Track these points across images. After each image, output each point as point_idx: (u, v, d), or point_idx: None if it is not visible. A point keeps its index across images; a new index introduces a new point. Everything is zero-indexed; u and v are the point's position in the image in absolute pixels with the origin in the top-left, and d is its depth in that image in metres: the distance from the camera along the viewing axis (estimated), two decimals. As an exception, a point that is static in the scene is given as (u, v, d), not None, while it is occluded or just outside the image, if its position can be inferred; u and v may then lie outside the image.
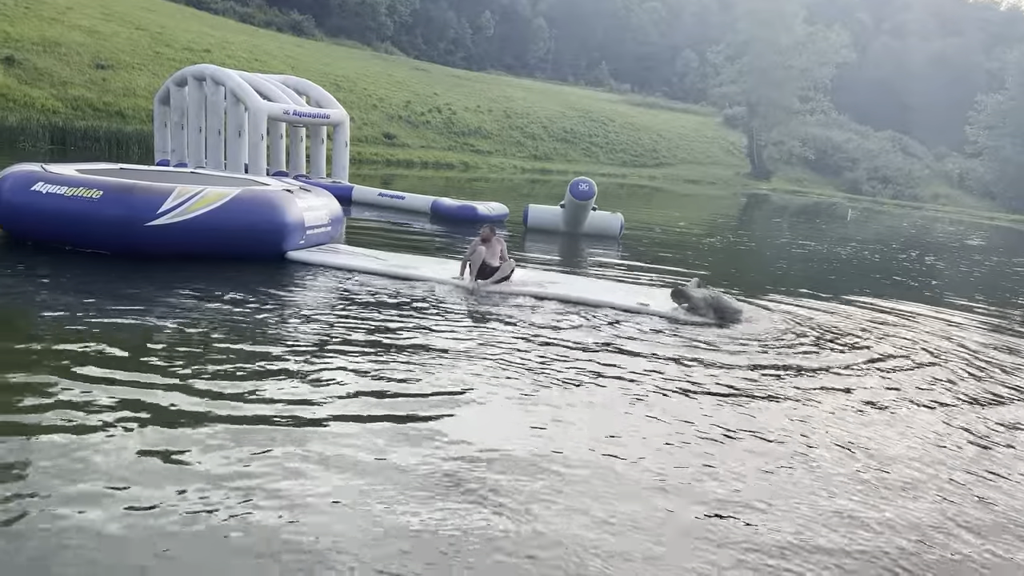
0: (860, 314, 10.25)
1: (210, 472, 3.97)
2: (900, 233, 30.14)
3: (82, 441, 4.16)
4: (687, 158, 59.56)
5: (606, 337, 7.46)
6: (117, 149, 25.21)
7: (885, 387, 6.80)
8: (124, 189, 8.57)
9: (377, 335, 6.71)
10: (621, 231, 16.30)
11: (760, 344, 7.81)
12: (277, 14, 56.05)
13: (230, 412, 4.74)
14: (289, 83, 19.04)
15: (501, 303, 8.49)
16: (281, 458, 4.21)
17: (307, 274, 8.99)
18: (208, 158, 17.68)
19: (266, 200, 9.37)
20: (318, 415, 4.86)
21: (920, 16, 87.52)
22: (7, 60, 27.24)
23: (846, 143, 67.78)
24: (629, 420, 5.35)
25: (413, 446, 4.54)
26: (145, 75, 31.26)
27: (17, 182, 8.71)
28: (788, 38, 57.25)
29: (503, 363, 6.22)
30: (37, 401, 4.64)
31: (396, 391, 5.43)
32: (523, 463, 4.46)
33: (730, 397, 6.04)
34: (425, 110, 45.32)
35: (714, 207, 35.23)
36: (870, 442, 5.39)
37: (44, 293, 7.11)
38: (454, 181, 31.01)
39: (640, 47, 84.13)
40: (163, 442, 4.26)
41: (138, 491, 3.71)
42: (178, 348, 5.85)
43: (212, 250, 8.79)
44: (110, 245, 8.55)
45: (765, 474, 4.68)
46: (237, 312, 7.03)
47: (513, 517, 3.82)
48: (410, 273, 9.29)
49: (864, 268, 16.63)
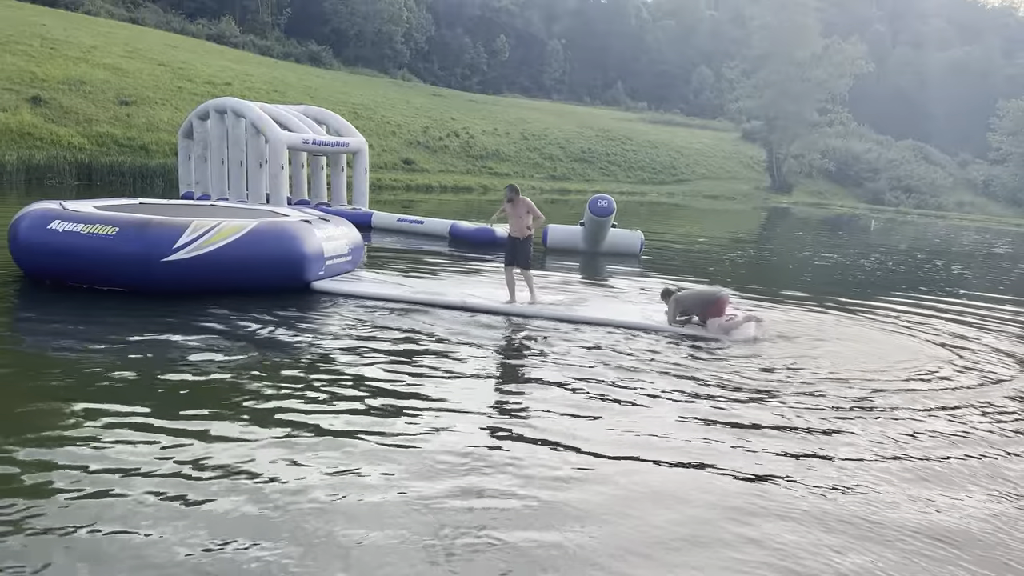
0: (888, 326, 10.11)
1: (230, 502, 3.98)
2: (925, 243, 29.76)
3: (105, 477, 4.20)
4: (706, 174, 59.36)
5: (638, 359, 7.42)
6: (142, 183, 25.63)
7: (922, 401, 6.69)
8: (139, 225, 8.45)
9: (401, 361, 6.72)
10: (642, 248, 16.25)
11: (788, 360, 7.72)
12: (295, 46, 56.94)
13: (254, 442, 4.77)
14: (308, 113, 19.29)
15: (524, 325, 8.49)
16: (307, 493, 4.21)
17: (331, 303, 8.97)
18: (231, 189, 17.92)
19: (284, 231, 9.25)
20: (352, 449, 4.86)
21: (938, 25, 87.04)
22: (34, 100, 27.87)
23: (867, 154, 67.21)
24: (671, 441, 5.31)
25: (439, 478, 4.52)
26: (168, 110, 31.82)
27: (34, 221, 8.65)
28: (804, 51, 57.06)
29: (532, 388, 6.19)
30: (59, 434, 4.69)
31: (421, 413, 5.43)
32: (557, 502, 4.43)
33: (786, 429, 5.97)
34: (443, 135, 45.66)
35: (735, 222, 35.04)
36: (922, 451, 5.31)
37: (58, 333, 7.11)
38: (473, 204, 31.15)
39: (655, 65, 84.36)
40: (184, 479, 4.29)
41: (166, 523, 3.73)
42: (199, 382, 5.89)
43: (230, 284, 8.66)
44: (126, 282, 8.42)
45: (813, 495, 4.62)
46: (262, 342, 7.07)
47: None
48: (435, 299, 9.28)
49: (890, 279, 16.42)
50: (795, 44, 56.76)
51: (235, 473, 4.31)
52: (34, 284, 8.80)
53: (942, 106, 74.48)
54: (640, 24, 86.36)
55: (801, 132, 59.05)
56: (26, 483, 4.02)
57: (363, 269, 11.14)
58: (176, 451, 4.54)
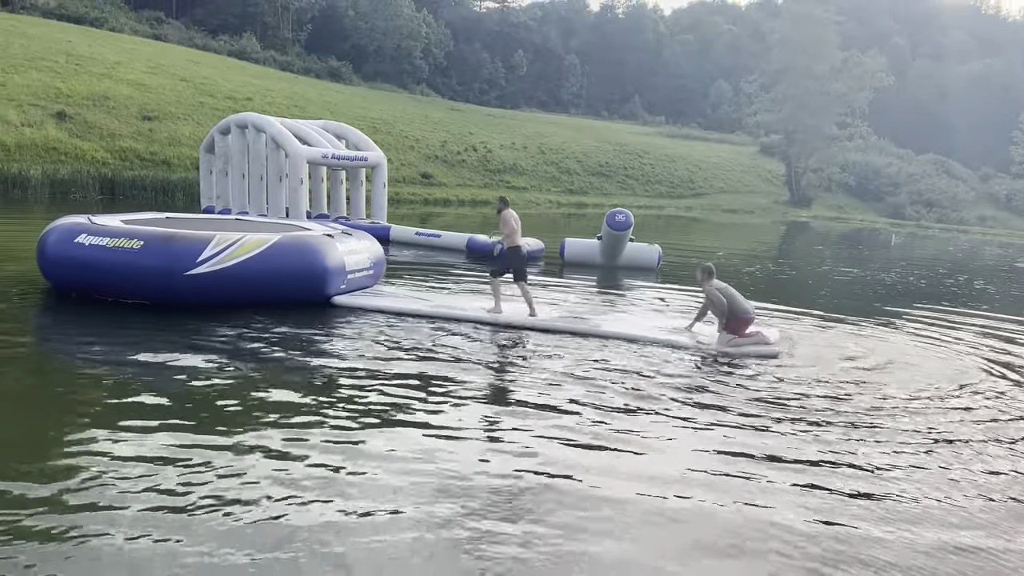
0: (909, 340, 10.00)
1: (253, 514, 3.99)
2: (947, 257, 29.45)
3: (123, 484, 4.23)
4: (724, 188, 59.19)
5: (659, 377, 7.38)
6: (163, 197, 25.92)
7: (945, 417, 6.60)
8: (164, 238, 8.50)
9: (416, 378, 6.73)
10: (659, 262, 16.20)
11: (812, 375, 7.65)
12: (316, 61, 57.58)
13: (277, 453, 4.79)
14: (328, 128, 19.45)
15: (544, 340, 8.47)
16: (324, 508, 4.22)
17: (351, 317, 8.96)
18: (251, 203, 18.08)
19: (306, 245, 9.27)
20: (365, 465, 4.87)
21: (958, 37, 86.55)
22: (59, 115, 28.35)
23: (887, 168, 66.76)
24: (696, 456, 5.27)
25: (455, 496, 4.52)
26: (189, 125, 32.23)
27: (61, 235, 8.74)
28: (823, 65, 56.91)
29: (549, 407, 6.15)
30: (75, 444, 4.73)
31: (432, 431, 5.43)
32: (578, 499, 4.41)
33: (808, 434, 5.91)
34: (461, 149, 45.89)
35: (753, 236, 34.87)
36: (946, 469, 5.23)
37: (82, 344, 7.18)
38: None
39: (673, 79, 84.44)
40: (209, 487, 4.31)
41: (189, 537, 3.74)
42: (215, 395, 5.93)
43: (252, 298, 8.69)
44: (150, 295, 8.45)
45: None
46: (280, 357, 7.09)
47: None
48: (455, 313, 9.27)
49: (911, 294, 16.25)
50: (814, 57, 56.62)
51: (245, 485, 4.32)
52: (60, 297, 8.89)
53: (963, 119, 73.90)
54: (658, 38, 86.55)
55: (820, 146, 58.77)
56: (41, 494, 4.05)
57: (382, 283, 11.16)
58: (189, 463, 4.56)
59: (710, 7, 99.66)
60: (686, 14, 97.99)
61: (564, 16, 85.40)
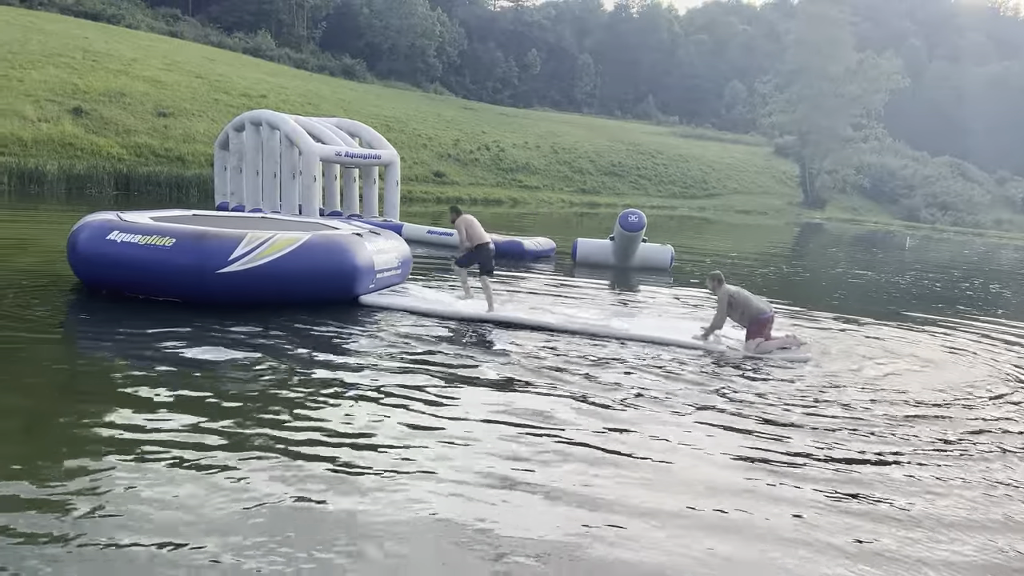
0: (926, 344, 9.93)
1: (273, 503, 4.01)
2: (962, 261, 29.22)
3: (149, 476, 4.26)
4: (738, 188, 58.95)
5: (679, 379, 7.36)
6: (178, 193, 26.07)
7: (962, 422, 6.55)
8: (196, 236, 8.47)
9: (431, 376, 6.73)
10: (672, 263, 16.15)
11: (827, 379, 7.61)
12: (330, 59, 57.73)
13: (295, 454, 4.81)
14: (341, 125, 19.50)
15: (560, 337, 8.46)
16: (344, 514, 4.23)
17: (378, 317, 8.92)
18: (264, 200, 18.14)
19: (336, 244, 9.23)
20: (383, 464, 4.88)
21: (975, 39, 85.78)
22: (76, 111, 28.56)
23: (902, 170, 66.30)
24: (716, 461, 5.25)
25: (471, 498, 4.52)
26: (204, 121, 32.39)
27: (93, 232, 8.72)
28: (839, 66, 56.54)
29: (569, 411, 6.10)
30: (99, 439, 4.77)
31: (451, 434, 5.43)
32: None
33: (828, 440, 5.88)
34: (473, 148, 45.91)
35: (767, 237, 34.71)
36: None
37: (111, 340, 7.23)
38: (503, 217, 31.21)
39: (687, 79, 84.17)
40: (231, 488, 4.33)
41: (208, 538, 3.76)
42: (241, 392, 5.95)
43: (282, 297, 8.67)
44: (181, 293, 8.44)
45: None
46: (306, 356, 7.08)
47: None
48: (477, 314, 9.22)
49: (926, 297, 16.14)
50: (829, 59, 56.29)
51: (269, 480, 4.34)
52: (91, 294, 8.88)
53: (980, 122, 73.27)
54: (672, 38, 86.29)
55: (834, 147, 58.41)
56: (69, 487, 4.09)
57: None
58: (212, 458, 4.59)
59: (725, 7, 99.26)
60: (701, 14, 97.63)
61: (578, 15, 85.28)
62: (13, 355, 6.44)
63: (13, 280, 9.35)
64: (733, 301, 8.55)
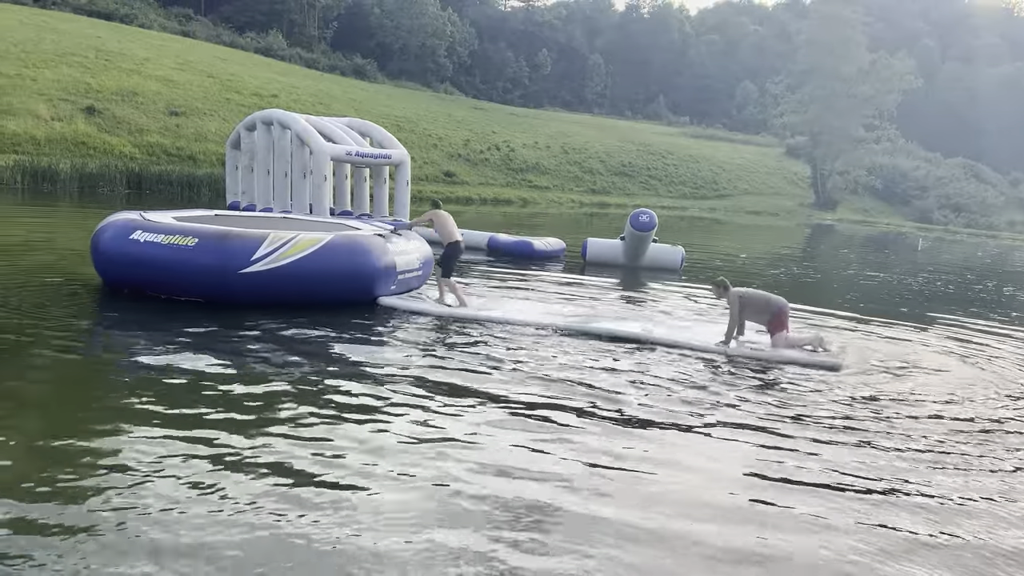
0: (938, 345, 9.85)
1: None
2: (975, 262, 29.01)
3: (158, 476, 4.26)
4: (749, 189, 58.73)
5: (705, 387, 7.32)
6: (189, 192, 26.16)
7: (978, 424, 6.49)
8: (219, 236, 8.49)
9: (454, 379, 6.71)
10: (682, 264, 16.10)
11: (849, 384, 7.56)
12: (341, 59, 57.85)
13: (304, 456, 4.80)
14: (352, 125, 19.51)
15: (575, 338, 8.41)
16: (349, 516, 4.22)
17: (397, 319, 8.85)
18: (275, 199, 18.18)
19: (358, 246, 9.21)
20: (392, 467, 4.87)
21: (989, 40, 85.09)
22: (89, 110, 28.71)
23: (915, 171, 65.88)
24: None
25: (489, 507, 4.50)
26: (216, 121, 32.51)
27: (116, 232, 8.74)
28: (851, 66, 56.24)
29: (594, 411, 6.05)
30: (117, 439, 4.78)
31: (465, 428, 5.42)
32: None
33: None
34: (484, 148, 45.91)
35: (777, 238, 34.57)
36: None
37: (132, 339, 7.22)
38: (512, 217, 31.20)
39: (698, 80, 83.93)
40: (243, 484, 4.33)
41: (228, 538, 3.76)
42: (260, 393, 5.96)
43: (304, 297, 8.64)
44: (203, 293, 8.46)
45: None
46: (325, 357, 7.06)
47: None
48: (491, 316, 9.17)
49: (938, 299, 16.02)
50: (841, 59, 56.00)
51: (281, 485, 4.34)
52: (113, 293, 8.89)
53: (994, 123, 72.74)
54: (683, 38, 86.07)
55: (846, 148, 58.11)
56: (84, 484, 4.09)
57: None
58: (229, 459, 4.59)
59: (736, 7, 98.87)
60: (712, 14, 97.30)
61: (589, 15, 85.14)
62: (31, 352, 6.45)
63: (33, 278, 9.40)
64: (745, 301, 8.50)
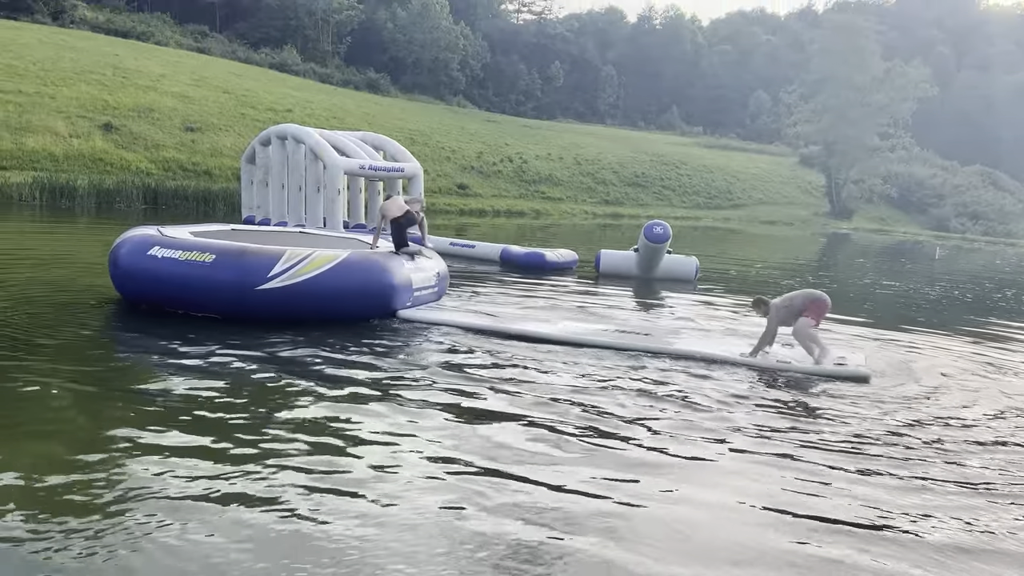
0: (957, 354, 9.73)
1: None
2: (994, 271, 28.70)
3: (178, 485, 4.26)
4: (763, 199, 58.50)
5: (728, 402, 7.26)
6: (204, 207, 26.35)
7: (995, 435, 6.39)
8: (236, 253, 8.50)
9: (471, 399, 6.64)
10: (697, 275, 16.02)
11: (870, 395, 7.47)
12: (354, 73, 58.29)
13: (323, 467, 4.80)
14: (366, 139, 19.66)
15: (597, 353, 8.34)
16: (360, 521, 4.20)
17: (413, 332, 8.81)
18: (290, 213, 18.29)
19: (374, 263, 9.22)
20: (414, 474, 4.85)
21: (1005, 47, 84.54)
22: (106, 126, 29.05)
23: (931, 179, 65.42)
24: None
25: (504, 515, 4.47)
26: (231, 136, 32.80)
27: (134, 247, 8.77)
28: (865, 75, 56.05)
29: (611, 430, 5.95)
30: (130, 452, 4.79)
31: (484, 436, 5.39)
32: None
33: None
34: (496, 160, 46.04)
35: (792, 248, 34.37)
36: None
37: (150, 354, 7.21)
38: (526, 228, 31.21)
39: (711, 90, 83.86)
40: (258, 493, 4.32)
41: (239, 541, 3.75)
42: (278, 407, 5.96)
43: (320, 314, 8.62)
44: (220, 309, 8.45)
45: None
46: (342, 371, 7.02)
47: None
48: (515, 329, 9.07)
49: (956, 309, 15.85)
50: (855, 68, 55.83)
51: (295, 494, 4.33)
52: (131, 308, 8.91)
53: (1011, 130, 72.19)
54: (695, 49, 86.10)
55: (861, 157, 57.81)
56: (102, 498, 4.10)
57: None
58: (245, 470, 4.59)
59: (749, 17, 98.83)
60: (724, 24, 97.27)
61: (601, 27, 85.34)
62: (48, 367, 6.47)
63: (51, 293, 9.48)
64: (780, 311, 8.36)
